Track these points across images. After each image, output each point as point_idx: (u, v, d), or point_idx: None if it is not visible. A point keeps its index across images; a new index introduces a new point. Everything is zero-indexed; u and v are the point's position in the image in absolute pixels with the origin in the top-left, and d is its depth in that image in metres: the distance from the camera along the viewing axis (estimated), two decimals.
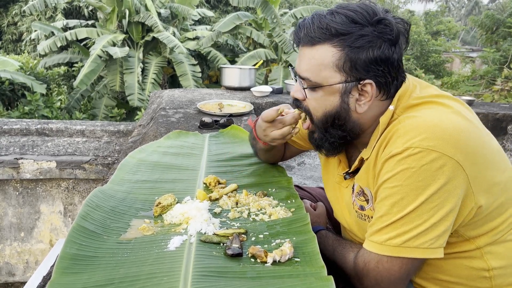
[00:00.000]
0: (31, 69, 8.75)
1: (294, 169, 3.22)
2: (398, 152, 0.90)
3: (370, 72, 0.96)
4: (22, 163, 2.97)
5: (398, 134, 0.93)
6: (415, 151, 0.87)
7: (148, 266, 0.92)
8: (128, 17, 10.17)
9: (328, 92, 0.98)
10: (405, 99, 0.99)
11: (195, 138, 1.91)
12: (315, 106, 1.01)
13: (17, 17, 13.35)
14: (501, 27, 10.52)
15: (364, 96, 0.98)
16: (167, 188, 1.34)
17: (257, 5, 9.44)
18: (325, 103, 1.00)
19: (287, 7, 14.93)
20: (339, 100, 0.98)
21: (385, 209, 0.92)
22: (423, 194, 0.87)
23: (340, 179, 1.16)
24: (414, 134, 0.89)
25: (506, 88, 7.85)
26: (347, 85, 0.97)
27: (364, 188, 1.04)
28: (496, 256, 0.98)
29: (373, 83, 0.96)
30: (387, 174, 0.92)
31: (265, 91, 3.57)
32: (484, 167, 0.91)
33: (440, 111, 0.94)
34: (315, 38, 0.96)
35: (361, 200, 1.06)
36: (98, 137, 3.41)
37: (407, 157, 0.88)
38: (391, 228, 0.91)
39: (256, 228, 1.10)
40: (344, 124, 1.01)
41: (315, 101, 1.01)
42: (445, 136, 0.87)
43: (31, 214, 3.14)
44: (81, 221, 1.04)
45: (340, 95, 0.98)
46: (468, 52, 16.52)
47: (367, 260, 0.95)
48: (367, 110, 1.00)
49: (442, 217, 0.88)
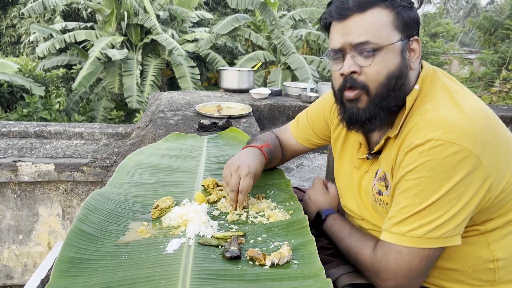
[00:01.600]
0: (29, 71, 8.73)
1: (293, 171, 3.22)
2: (419, 144, 0.92)
3: (413, 30, 1.02)
4: (20, 165, 2.97)
5: (419, 126, 0.95)
6: (437, 143, 0.90)
7: (146, 269, 0.92)
8: (127, 19, 10.18)
9: (390, 52, 0.99)
10: (428, 82, 1.03)
11: (193, 140, 1.91)
12: (378, 69, 0.99)
13: (16, 19, 13.35)
14: (499, 29, 10.55)
15: (414, 53, 1.02)
16: (165, 190, 1.33)
17: (256, 7, 9.45)
18: (388, 64, 0.99)
19: (285, 9, 14.95)
20: (400, 58, 1.00)
21: (407, 201, 0.94)
22: (445, 185, 0.90)
23: (360, 163, 1.16)
24: (435, 128, 0.92)
25: (505, 89, 7.87)
26: (403, 43, 1.00)
27: (387, 174, 1.05)
28: (501, 247, 1.00)
29: (418, 39, 1.03)
30: (409, 166, 0.94)
31: (264, 93, 3.57)
32: (500, 158, 0.94)
33: (458, 106, 0.96)
34: (367, 3, 0.98)
35: (381, 185, 1.07)
36: (97, 139, 3.41)
37: (429, 149, 0.91)
38: (412, 220, 0.92)
39: (254, 230, 1.10)
40: (404, 82, 1.01)
41: (377, 64, 0.99)
42: (464, 131, 0.90)
43: (29, 217, 3.14)
44: (79, 224, 1.04)
45: (400, 53, 1.00)
46: (467, 54, 16.56)
47: (387, 251, 0.95)
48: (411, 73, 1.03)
49: (461, 207, 0.90)
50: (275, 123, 3.40)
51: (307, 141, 1.43)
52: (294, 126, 1.46)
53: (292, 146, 1.46)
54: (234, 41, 11.82)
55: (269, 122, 3.40)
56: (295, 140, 1.45)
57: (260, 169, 1.30)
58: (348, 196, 1.22)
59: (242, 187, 1.21)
